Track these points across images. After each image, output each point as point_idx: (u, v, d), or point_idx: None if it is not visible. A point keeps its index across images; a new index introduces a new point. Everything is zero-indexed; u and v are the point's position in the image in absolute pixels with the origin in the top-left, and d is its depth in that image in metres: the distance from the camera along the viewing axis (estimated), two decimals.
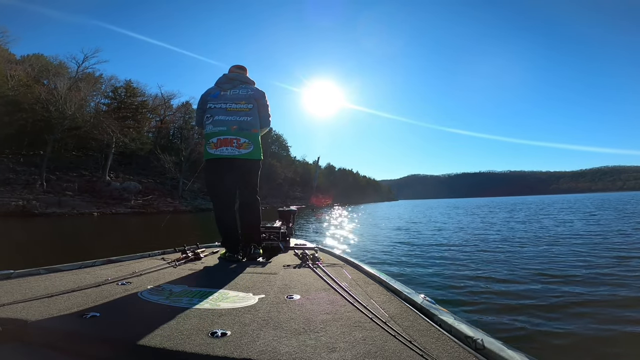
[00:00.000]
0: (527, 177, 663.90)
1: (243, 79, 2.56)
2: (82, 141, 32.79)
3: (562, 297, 3.47)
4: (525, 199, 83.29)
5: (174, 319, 1.04)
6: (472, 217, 17.91)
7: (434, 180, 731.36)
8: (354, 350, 0.82)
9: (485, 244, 7.44)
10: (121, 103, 39.22)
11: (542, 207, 25.92)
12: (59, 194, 25.44)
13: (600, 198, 55.51)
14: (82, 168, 31.78)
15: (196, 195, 39.04)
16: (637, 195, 65.23)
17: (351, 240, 9.67)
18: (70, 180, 28.43)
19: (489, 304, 3.34)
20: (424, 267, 5.24)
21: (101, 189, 27.96)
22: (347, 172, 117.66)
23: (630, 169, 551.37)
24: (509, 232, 9.63)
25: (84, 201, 25.78)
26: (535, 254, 6.03)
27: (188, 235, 10.65)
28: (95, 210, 24.99)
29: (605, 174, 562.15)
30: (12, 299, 1.14)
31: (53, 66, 34.06)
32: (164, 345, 0.84)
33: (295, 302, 1.25)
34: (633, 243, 6.80)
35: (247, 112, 2.40)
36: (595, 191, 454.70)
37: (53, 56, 36.60)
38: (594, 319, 2.83)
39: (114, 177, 32.16)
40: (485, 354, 0.79)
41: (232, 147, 2.32)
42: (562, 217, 15.18)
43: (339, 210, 36.27)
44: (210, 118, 2.39)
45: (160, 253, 2.31)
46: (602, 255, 5.58)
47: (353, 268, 1.89)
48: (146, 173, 37.38)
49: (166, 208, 30.68)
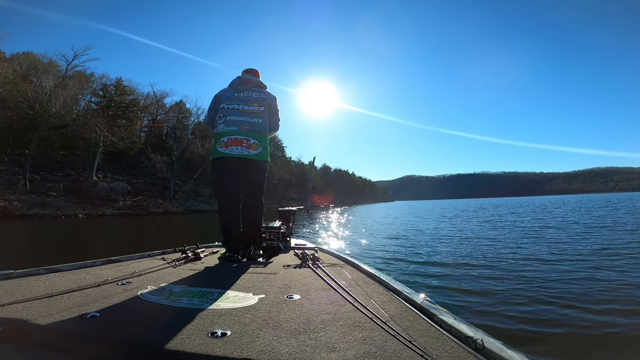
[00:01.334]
0: (521, 178, 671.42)
1: (256, 82, 2.63)
2: (70, 140, 31.77)
3: (562, 297, 3.44)
4: (521, 200, 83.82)
5: (174, 319, 1.03)
6: (477, 220, 17.36)
7: (429, 181, 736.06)
8: (354, 350, 0.82)
9: (485, 244, 7.33)
10: (111, 101, 38.14)
11: (545, 208, 25.53)
12: (42, 195, 24.32)
13: (596, 199, 55.59)
14: (69, 168, 30.61)
15: (188, 197, 38.07)
16: (633, 196, 66.11)
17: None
18: (56, 181, 27.30)
19: (488, 304, 3.33)
20: (424, 268, 5.22)
21: (87, 190, 26.83)
22: (343, 173, 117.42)
23: (622, 170, 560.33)
24: (510, 234, 9.41)
25: (68, 202, 24.67)
26: (535, 254, 5.95)
27: (178, 239, 9.80)
28: (80, 212, 23.92)
29: (598, 175, 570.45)
30: (12, 299, 1.14)
31: (42, 64, 33.08)
32: (164, 345, 0.83)
33: (295, 302, 1.24)
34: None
35: (258, 115, 2.46)
36: (587, 192, 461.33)
37: (42, 54, 35.64)
38: (594, 320, 2.82)
39: (102, 177, 31.05)
40: (485, 354, 0.79)
41: (242, 147, 2.34)
42: (567, 217, 14.81)
43: (332, 212, 35.62)
44: (223, 118, 2.42)
45: (160, 253, 2.31)
46: (605, 256, 5.48)
47: (353, 268, 1.88)
48: (136, 173, 36.30)
49: (156, 209, 29.68)
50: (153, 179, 36.74)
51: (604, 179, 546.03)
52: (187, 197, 37.33)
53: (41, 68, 31.85)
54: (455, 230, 11.20)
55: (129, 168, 36.56)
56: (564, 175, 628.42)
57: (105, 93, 38.47)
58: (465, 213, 23.89)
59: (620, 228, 9.63)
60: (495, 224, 12.86)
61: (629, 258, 5.21)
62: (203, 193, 40.78)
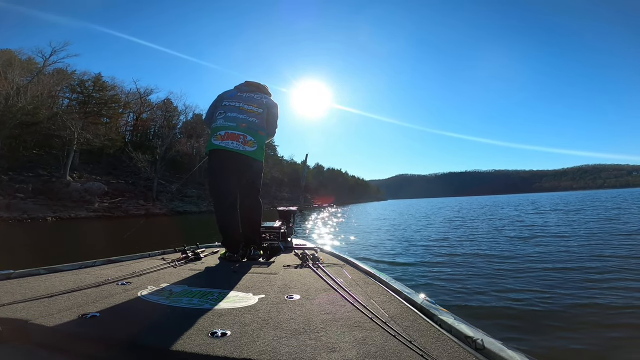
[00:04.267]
0: (511, 175, 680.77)
1: (262, 88, 2.69)
2: (44, 138, 29.63)
3: (562, 297, 3.44)
4: (516, 197, 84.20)
5: (174, 319, 1.04)
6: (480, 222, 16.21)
7: (422, 180, 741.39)
8: (354, 350, 0.82)
9: (485, 246, 7.29)
10: (89, 97, 36.00)
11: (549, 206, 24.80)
12: (8, 197, 22.29)
13: (590, 195, 55.79)
14: (42, 167, 28.46)
15: (174, 197, 36.15)
16: (623, 193, 68.18)
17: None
18: (25, 181, 25.14)
19: (489, 304, 3.34)
20: (423, 268, 5.24)
21: (59, 191, 24.78)
22: (336, 172, 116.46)
23: (610, 167, 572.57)
24: (509, 233, 9.25)
25: (37, 204, 22.67)
26: (536, 255, 5.87)
27: (156, 243, 8.50)
28: (50, 215, 21.99)
29: (586, 172, 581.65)
30: (12, 299, 1.13)
31: (18, 60, 31.01)
32: (164, 345, 0.83)
33: (295, 302, 1.24)
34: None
35: (257, 115, 2.49)
36: (576, 189, 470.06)
37: (18, 50, 33.57)
38: (595, 320, 2.82)
39: (77, 177, 28.98)
40: (485, 354, 0.79)
41: (237, 142, 2.34)
42: (565, 215, 14.40)
43: (324, 212, 34.31)
44: (223, 114, 2.44)
45: (160, 253, 2.30)
46: (607, 256, 5.40)
47: (353, 268, 1.89)
48: (117, 173, 34.26)
49: (137, 211, 27.84)
50: (135, 179, 34.76)
51: (593, 176, 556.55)
52: (172, 198, 35.40)
53: (16, 64, 29.87)
54: (455, 231, 10.78)
55: (109, 168, 34.49)
56: (553, 173, 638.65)
57: (83, 89, 36.28)
58: (470, 213, 22.76)
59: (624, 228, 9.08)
60: (495, 225, 12.47)
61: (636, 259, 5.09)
62: (190, 193, 38.90)
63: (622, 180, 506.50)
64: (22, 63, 30.95)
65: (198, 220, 23.63)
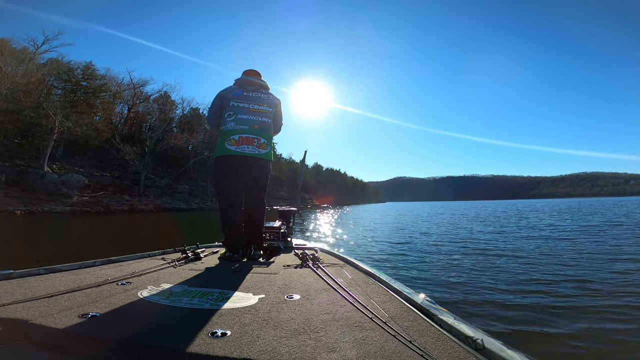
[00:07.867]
0: (509, 181, 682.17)
1: (262, 84, 2.61)
2: (26, 127, 27.65)
3: (562, 298, 3.44)
4: (515, 203, 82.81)
5: (174, 319, 1.04)
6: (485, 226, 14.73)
7: (420, 183, 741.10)
8: (354, 350, 0.82)
9: (485, 246, 7.25)
10: (76, 85, 33.99)
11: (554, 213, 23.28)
12: None
13: (589, 203, 54.57)
14: (19, 157, 26.47)
15: (162, 193, 34.22)
16: (620, 200, 70.59)
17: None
18: (0, 171, 23.25)
19: (489, 305, 3.30)
20: (423, 268, 5.17)
21: (33, 182, 22.86)
22: (334, 172, 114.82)
23: (607, 175, 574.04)
24: (509, 236, 9.33)
25: (8, 196, 20.69)
26: (536, 255, 5.87)
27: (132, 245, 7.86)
28: (20, 208, 20.06)
29: (584, 179, 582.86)
30: (12, 299, 1.12)
31: (9, 48, 29.17)
32: (164, 345, 0.84)
33: (296, 302, 1.24)
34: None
35: (267, 115, 2.46)
36: (573, 196, 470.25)
37: (9, 38, 31.69)
38: (594, 320, 2.81)
39: (57, 168, 26.98)
40: (485, 354, 0.79)
41: (252, 145, 2.34)
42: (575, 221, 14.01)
43: (323, 213, 32.51)
44: (233, 115, 2.38)
45: (160, 253, 2.28)
46: (606, 259, 5.42)
47: (353, 268, 1.88)
48: (103, 166, 32.27)
49: (119, 207, 25.90)
50: (123, 172, 32.78)
51: (590, 184, 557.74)
52: (160, 194, 33.46)
53: (7, 52, 28.02)
54: (455, 231, 11.00)
55: (95, 160, 32.51)
56: (551, 179, 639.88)
57: (71, 76, 34.27)
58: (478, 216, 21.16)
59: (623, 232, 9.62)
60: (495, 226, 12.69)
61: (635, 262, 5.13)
62: (180, 189, 36.92)
63: (620, 189, 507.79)
64: (13, 51, 29.24)
65: (187, 217, 21.82)
